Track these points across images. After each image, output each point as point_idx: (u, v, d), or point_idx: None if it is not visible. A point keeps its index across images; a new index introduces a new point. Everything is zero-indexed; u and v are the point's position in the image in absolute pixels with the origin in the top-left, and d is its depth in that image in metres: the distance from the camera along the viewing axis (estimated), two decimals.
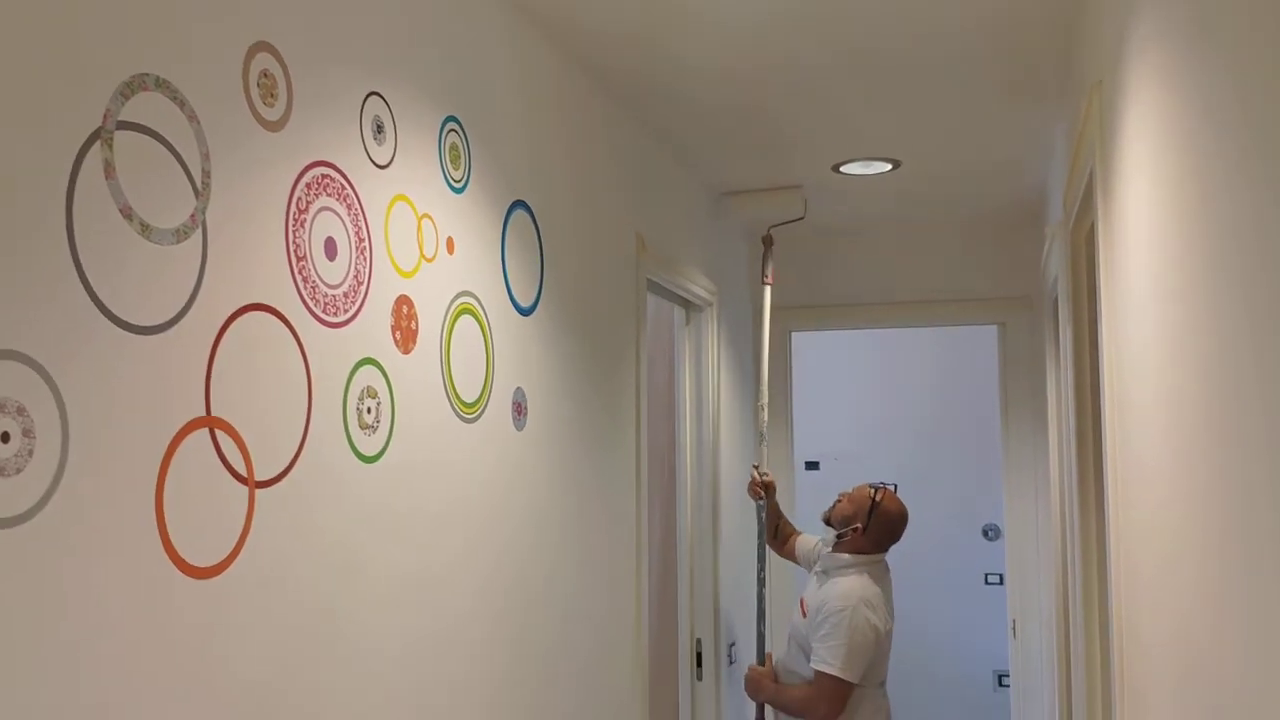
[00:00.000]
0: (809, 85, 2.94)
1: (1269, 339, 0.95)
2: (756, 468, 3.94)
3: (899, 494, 3.56)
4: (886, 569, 3.50)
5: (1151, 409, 1.59)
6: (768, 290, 4.12)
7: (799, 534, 3.91)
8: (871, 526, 3.42)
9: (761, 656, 3.75)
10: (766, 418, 4.07)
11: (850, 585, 3.35)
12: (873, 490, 3.49)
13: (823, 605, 3.34)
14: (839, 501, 3.55)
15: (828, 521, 3.53)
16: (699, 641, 3.85)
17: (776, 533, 3.91)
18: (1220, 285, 1.15)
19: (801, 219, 4.10)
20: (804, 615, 3.44)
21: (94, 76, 1.28)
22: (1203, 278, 1.23)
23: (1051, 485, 3.93)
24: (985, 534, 6.73)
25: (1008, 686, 4.99)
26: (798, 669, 3.45)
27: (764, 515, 3.86)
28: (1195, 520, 1.29)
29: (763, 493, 3.87)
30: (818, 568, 3.53)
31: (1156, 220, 1.53)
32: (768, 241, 4.12)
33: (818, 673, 3.29)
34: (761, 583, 3.84)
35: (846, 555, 3.43)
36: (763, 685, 3.55)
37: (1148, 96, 1.61)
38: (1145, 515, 1.67)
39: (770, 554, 3.93)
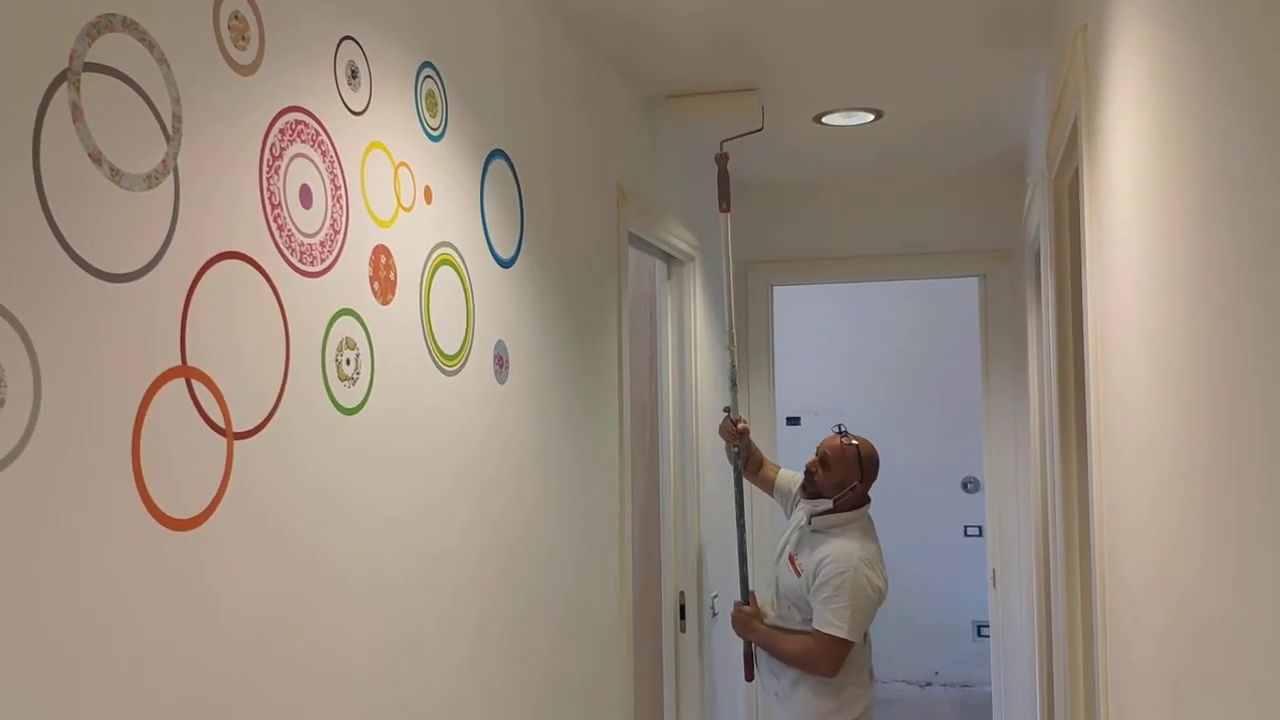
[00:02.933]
0: (791, 32, 2.90)
1: (1259, 274, 0.94)
2: (728, 412, 3.69)
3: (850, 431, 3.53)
4: (871, 522, 3.48)
5: (1136, 350, 1.58)
6: (727, 219, 3.62)
7: (779, 468, 3.83)
8: (865, 476, 3.41)
9: (745, 595, 3.66)
10: (736, 361, 3.75)
11: (848, 546, 3.32)
12: (843, 443, 3.42)
13: (820, 566, 3.30)
14: (815, 474, 3.43)
15: (815, 495, 3.43)
16: (682, 594, 3.86)
17: (747, 461, 3.78)
18: (1210, 220, 1.13)
19: (760, 130, 3.49)
20: (797, 574, 3.40)
21: (58, 16, 1.24)
22: (1192, 213, 1.22)
23: (1032, 436, 3.95)
24: (964, 487, 6.78)
25: (987, 636, 5.05)
26: (792, 627, 3.43)
27: (740, 462, 3.73)
28: (1180, 460, 1.29)
29: (737, 440, 3.68)
30: (803, 521, 3.47)
31: (1143, 160, 1.51)
32: (722, 160, 3.54)
33: (821, 633, 3.26)
34: (742, 527, 3.74)
35: (838, 514, 3.39)
36: (752, 625, 3.51)
37: (1134, 37, 1.59)
38: (1129, 458, 1.67)
39: (749, 499, 3.89)
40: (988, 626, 4.89)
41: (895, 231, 4.68)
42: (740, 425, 3.70)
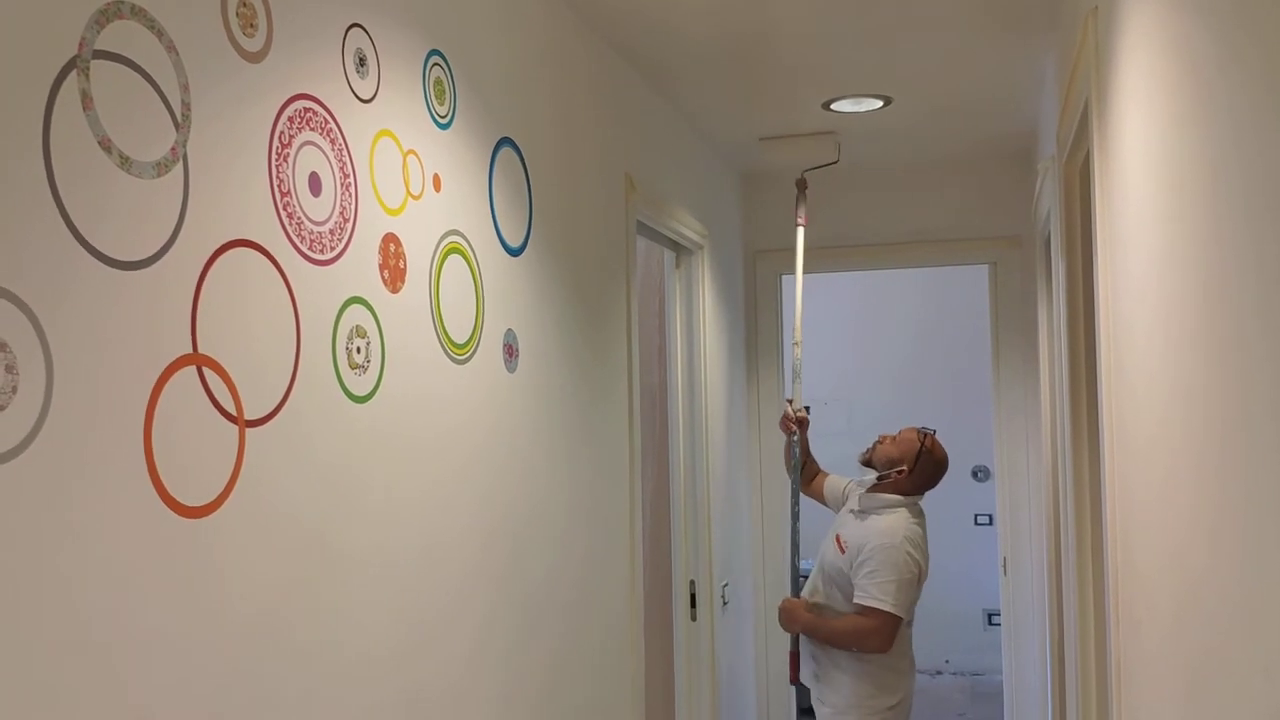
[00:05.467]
0: (799, 17, 2.89)
1: (1270, 252, 0.93)
2: (790, 402, 3.88)
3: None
4: (922, 512, 3.48)
5: (1148, 335, 1.57)
6: (801, 231, 4.05)
7: (826, 474, 3.87)
8: (917, 470, 3.42)
9: (796, 589, 3.68)
10: (800, 355, 3.96)
11: (893, 523, 3.34)
12: (920, 435, 3.47)
13: (865, 543, 3.32)
14: (880, 443, 3.52)
15: (868, 463, 3.51)
16: (693, 583, 3.87)
17: (801, 470, 3.84)
18: (1221, 200, 1.13)
19: (835, 163, 4.11)
20: (841, 551, 3.41)
21: (67, 3, 1.24)
22: (1203, 193, 1.21)
23: (1043, 423, 3.94)
24: (975, 475, 6.77)
25: (998, 625, 5.04)
26: (834, 605, 3.43)
27: (797, 450, 3.80)
28: (1192, 445, 1.29)
29: (795, 428, 3.79)
30: (853, 505, 3.48)
31: (1154, 141, 1.51)
32: (801, 185, 4.08)
33: (868, 608, 3.27)
34: (795, 517, 3.78)
35: (887, 495, 3.41)
36: (798, 615, 3.48)
37: (1145, 20, 1.58)
38: (1140, 444, 1.67)
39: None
40: (999, 615, 4.89)
41: (904, 219, 4.67)
42: (800, 414, 3.80)
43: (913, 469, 3.42)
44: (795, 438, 3.81)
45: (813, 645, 3.49)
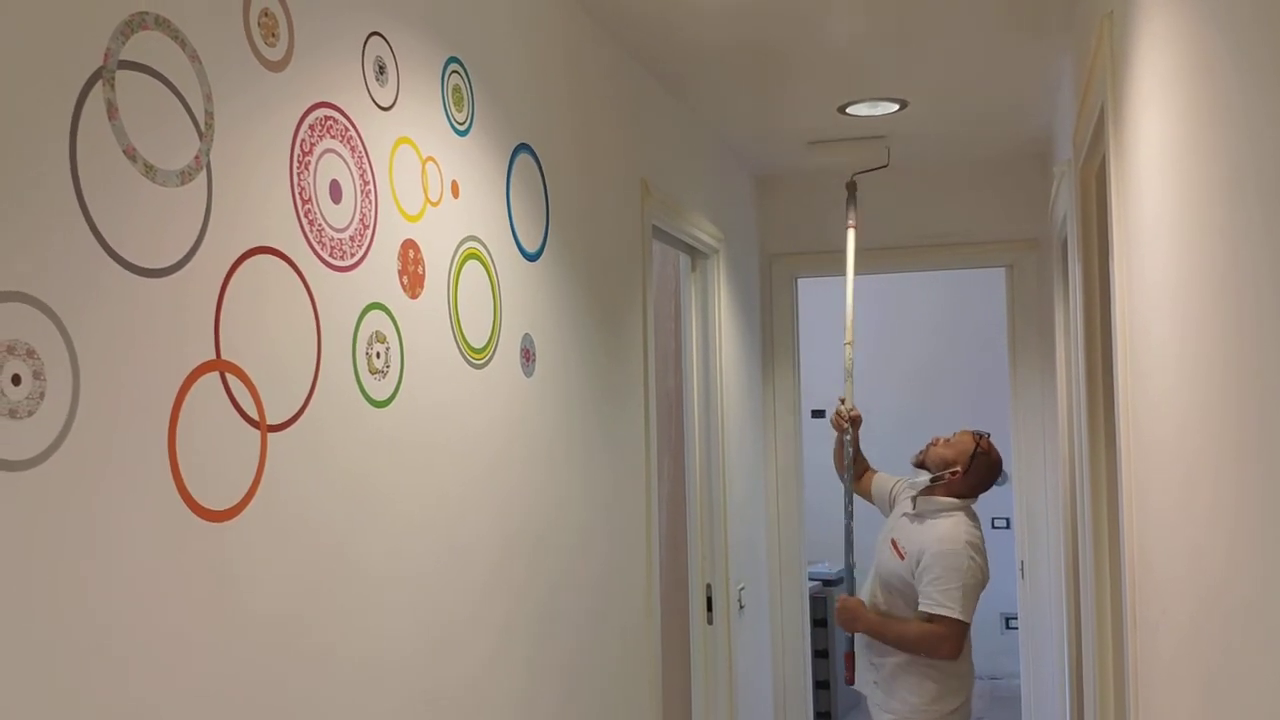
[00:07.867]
0: (815, 21, 2.90)
1: None
2: (842, 401, 3.84)
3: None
4: (976, 515, 3.43)
5: (1166, 339, 1.58)
6: (851, 234, 4.02)
7: (874, 472, 3.82)
8: (971, 471, 3.37)
9: (852, 587, 3.64)
10: (852, 355, 3.96)
11: (953, 528, 3.29)
12: (975, 436, 3.44)
13: (925, 549, 3.27)
14: (933, 445, 3.49)
15: (921, 465, 3.47)
16: (709, 586, 3.87)
17: (856, 456, 3.81)
18: (1237, 203, 1.13)
19: (886, 166, 4.12)
20: (900, 557, 3.35)
21: (93, 14, 1.26)
22: (1220, 196, 1.22)
23: (1060, 427, 3.93)
24: None
25: (1015, 628, 5.03)
26: (896, 612, 3.37)
27: (850, 448, 3.78)
28: (1210, 449, 1.29)
29: (848, 426, 3.78)
30: (908, 509, 3.43)
31: (1171, 146, 1.51)
32: (851, 188, 4.05)
33: (936, 615, 3.23)
34: (849, 515, 3.76)
35: (943, 498, 3.36)
36: (860, 615, 3.42)
37: (1160, 25, 1.59)
38: (1158, 448, 1.67)
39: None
40: (1016, 618, 4.88)
41: (920, 222, 4.66)
42: (853, 413, 3.77)
43: (967, 470, 3.36)
44: (848, 436, 3.76)
45: (872, 653, 3.42)
